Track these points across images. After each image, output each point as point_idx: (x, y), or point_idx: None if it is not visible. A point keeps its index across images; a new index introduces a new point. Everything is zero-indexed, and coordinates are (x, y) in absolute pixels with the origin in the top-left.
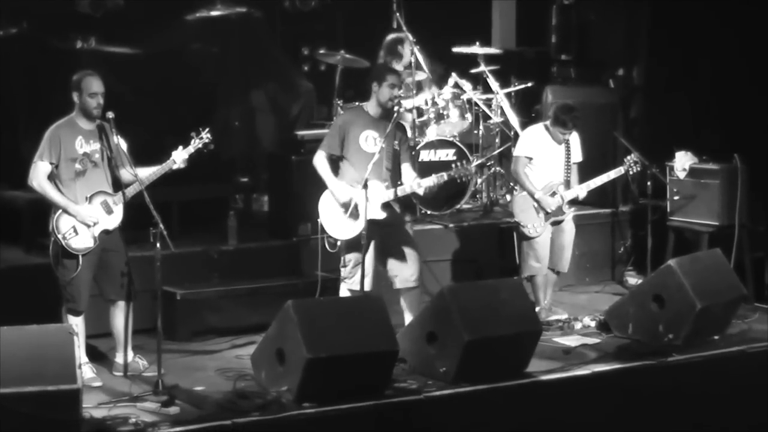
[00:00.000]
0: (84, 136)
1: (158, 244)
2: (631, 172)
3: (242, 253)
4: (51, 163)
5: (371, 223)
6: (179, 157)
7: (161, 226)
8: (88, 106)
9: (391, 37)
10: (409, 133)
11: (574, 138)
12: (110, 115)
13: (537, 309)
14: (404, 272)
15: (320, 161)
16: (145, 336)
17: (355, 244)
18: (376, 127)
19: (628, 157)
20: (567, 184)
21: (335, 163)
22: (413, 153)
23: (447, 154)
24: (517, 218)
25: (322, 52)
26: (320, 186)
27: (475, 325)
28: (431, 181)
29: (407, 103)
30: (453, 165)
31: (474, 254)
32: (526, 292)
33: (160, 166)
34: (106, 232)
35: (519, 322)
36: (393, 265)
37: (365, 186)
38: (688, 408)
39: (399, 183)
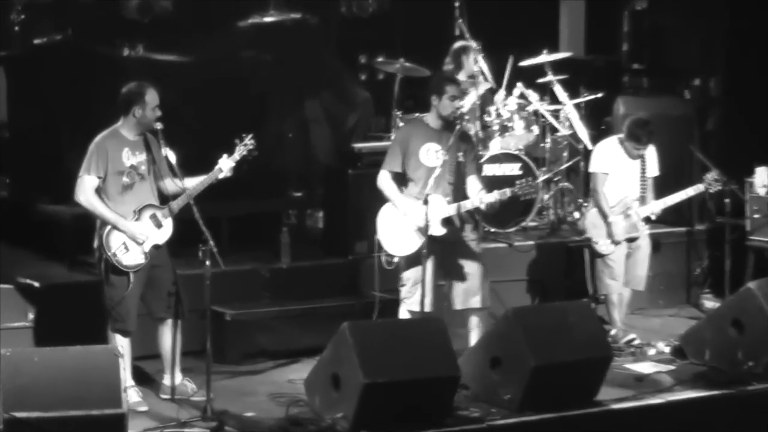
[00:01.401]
0: (130, 147)
1: (207, 262)
2: (710, 191)
3: (296, 272)
4: (98, 177)
5: (431, 240)
6: (226, 165)
7: (211, 242)
8: (150, 119)
9: (456, 45)
10: None
11: (651, 151)
12: (159, 126)
13: (613, 331)
14: (467, 293)
15: (385, 181)
16: (194, 358)
17: (414, 262)
18: (437, 139)
19: (708, 175)
20: (642, 200)
21: (400, 181)
22: (479, 166)
23: (512, 169)
24: (589, 234)
25: (380, 60)
26: (378, 201)
27: (542, 350)
28: (493, 197)
29: (466, 102)
30: (517, 182)
31: (540, 274)
32: (595, 314)
33: (206, 176)
34: (156, 247)
35: (588, 346)
36: (455, 286)
37: (426, 201)
38: None
39: (461, 198)
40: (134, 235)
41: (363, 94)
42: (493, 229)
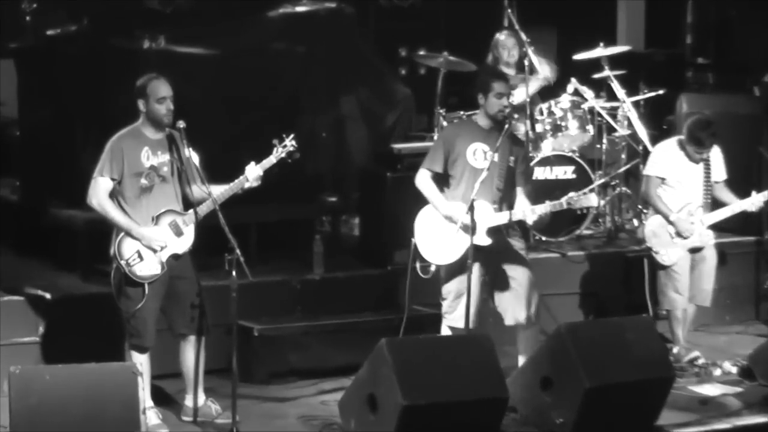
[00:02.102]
0: (151, 147)
1: (234, 272)
2: None
3: (329, 284)
4: (113, 179)
5: (476, 250)
6: (252, 173)
7: (237, 251)
8: (157, 113)
9: (494, 38)
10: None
11: (716, 153)
12: (181, 124)
13: (675, 349)
14: (516, 307)
15: (424, 181)
16: (218, 377)
17: (456, 272)
18: (486, 139)
19: None
20: (707, 207)
21: (442, 182)
22: (529, 173)
23: (565, 172)
24: (649, 243)
25: (422, 53)
26: (420, 206)
27: (598, 370)
28: (544, 209)
29: (518, 95)
30: (572, 193)
31: (596, 287)
32: (656, 331)
33: (230, 185)
34: (174, 257)
35: (648, 366)
36: (502, 299)
37: (471, 207)
38: None
39: (508, 207)
40: (149, 243)
41: (403, 91)
42: (544, 238)
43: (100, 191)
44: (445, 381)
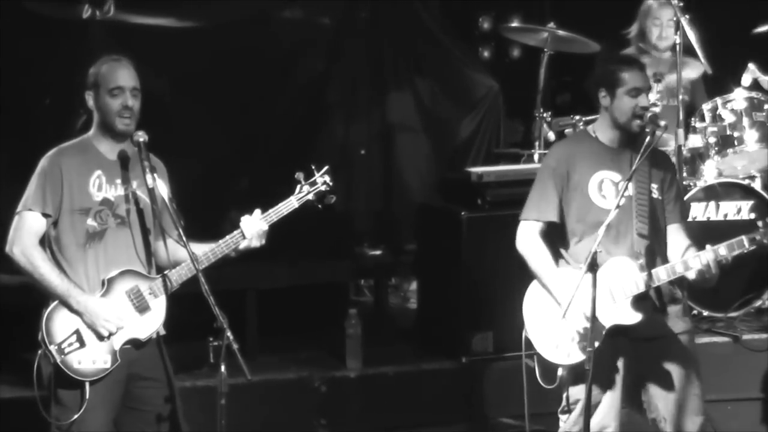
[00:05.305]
0: (106, 171)
1: (222, 367)
2: None
3: (371, 384)
4: (46, 215)
5: (616, 334)
6: (251, 227)
7: (229, 334)
8: (108, 110)
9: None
10: None
11: None
12: (141, 137)
13: None
14: (683, 421)
15: (529, 240)
16: None
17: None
18: (616, 163)
19: None
20: None
21: (559, 238)
22: (685, 203)
23: (738, 209)
24: None
25: (514, 25)
26: (515, 265)
27: None
28: (709, 257)
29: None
30: (760, 224)
31: None
32: None
33: (218, 243)
34: (135, 344)
35: None
36: (661, 407)
37: (592, 267)
38: None
39: (661, 260)
40: (94, 320)
41: (485, 83)
42: (706, 313)
43: (25, 234)
44: None
